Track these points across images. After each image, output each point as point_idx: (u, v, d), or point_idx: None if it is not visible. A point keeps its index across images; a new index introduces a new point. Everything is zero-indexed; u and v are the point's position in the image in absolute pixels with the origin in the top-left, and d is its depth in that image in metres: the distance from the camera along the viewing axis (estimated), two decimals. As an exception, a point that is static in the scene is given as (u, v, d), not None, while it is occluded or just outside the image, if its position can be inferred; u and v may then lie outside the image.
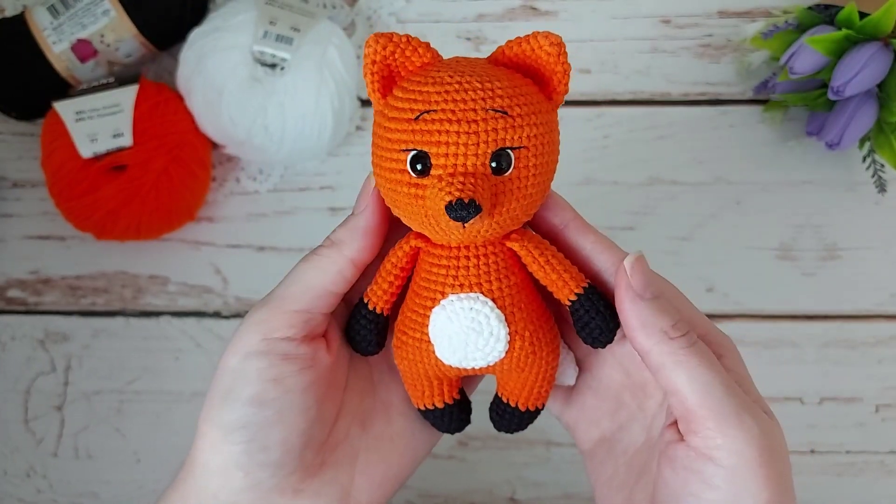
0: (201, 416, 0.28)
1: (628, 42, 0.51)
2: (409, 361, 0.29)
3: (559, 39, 0.25)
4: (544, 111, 0.26)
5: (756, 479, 0.25)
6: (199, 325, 0.49)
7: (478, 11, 0.51)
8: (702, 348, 0.26)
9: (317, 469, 0.29)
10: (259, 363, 0.27)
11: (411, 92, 0.25)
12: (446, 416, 0.31)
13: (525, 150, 0.25)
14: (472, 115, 0.24)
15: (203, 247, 0.50)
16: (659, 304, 0.27)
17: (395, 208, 0.27)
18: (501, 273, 0.27)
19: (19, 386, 0.49)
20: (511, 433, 0.31)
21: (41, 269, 0.50)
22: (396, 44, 0.26)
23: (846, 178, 0.50)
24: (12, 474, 0.48)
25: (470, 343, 0.27)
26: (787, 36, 0.47)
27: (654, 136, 0.50)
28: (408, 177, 0.25)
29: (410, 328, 0.28)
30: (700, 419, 0.26)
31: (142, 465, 0.48)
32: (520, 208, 0.26)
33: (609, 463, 0.31)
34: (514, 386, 0.29)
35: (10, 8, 0.51)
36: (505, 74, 0.26)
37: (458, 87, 0.25)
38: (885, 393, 0.48)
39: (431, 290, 0.27)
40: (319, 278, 0.28)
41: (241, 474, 0.27)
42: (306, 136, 0.47)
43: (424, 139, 0.25)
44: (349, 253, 0.28)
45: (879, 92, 0.45)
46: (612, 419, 0.31)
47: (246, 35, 0.46)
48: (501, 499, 0.48)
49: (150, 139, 0.46)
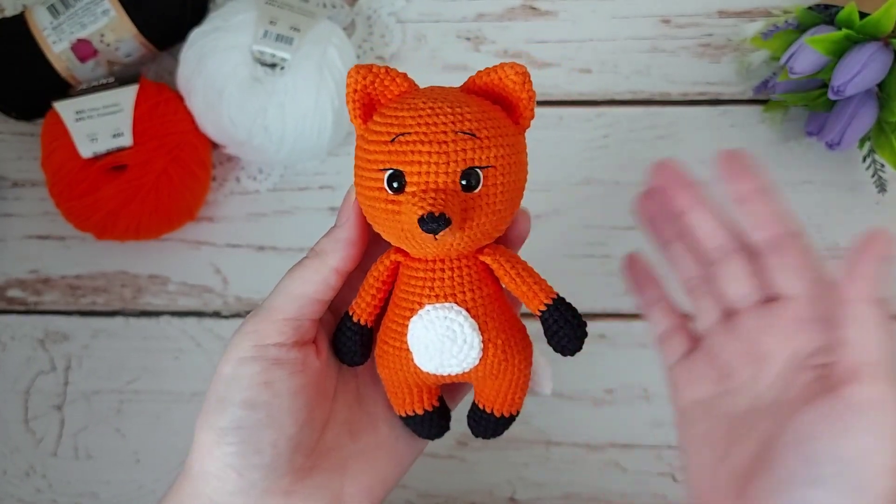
0: (197, 423, 0.30)
1: (628, 42, 0.51)
2: (391, 370, 0.30)
3: (524, 69, 0.28)
4: (511, 134, 0.28)
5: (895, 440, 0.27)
6: (199, 325, 0.49)
7: (477, 11, 0.51)
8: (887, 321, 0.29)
9: (307, 473, 0.30)
10: (251, 368, 0.29)
11: (388, 117, 0.27)
12: (426, 423, 0.32)
13: (493, 169, 0.27)
14: (442, 136, 0.26)
15: (203, 246, 0.50)
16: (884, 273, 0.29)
17: (375, 224, 0.29)
18: (475, 284, 0.29)
19: (19, 386, 0.49)
20: (487, 439, 0.33)
21: (41, 269, 0.50)
22: (376, 74, 0.28)
23: (846, 178, 0.50)
24: (12, 474, 0.48)
25: (445, 350, 0.29)
26: (787, 36, 0.47)
27: (655, 135, 0.50)
28: (385, 194, 0.27)
29: (391, 337, 0.30)
30: (863, 372, 0.28)
31: (141, 465, 0.48)
32: (489, 223, 0.28)
33: (706, 422, 0.32)
34: (489, 393, 0.31)
35: (10, 8, 0.51)
36: (475, 101, 0.28)
37: (430, 111, 0.27)
38: (885, 393, 0.48)
39: (410, 301, 0.29)
40: (305, 288, 0.30)
41: (234, 476, 0.29)
42: (306, 136, 0.47)
43: (400, 159, 0.27)
44: (333, 263, 0.30)
45: (879, 92, 0.45)
46: (717, 384, 0.33)
47: (246, 35, 0.46)
48: (501, 499, 0.48)
49: (150, 139, 0.46)
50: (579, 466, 0.48)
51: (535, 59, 0.51)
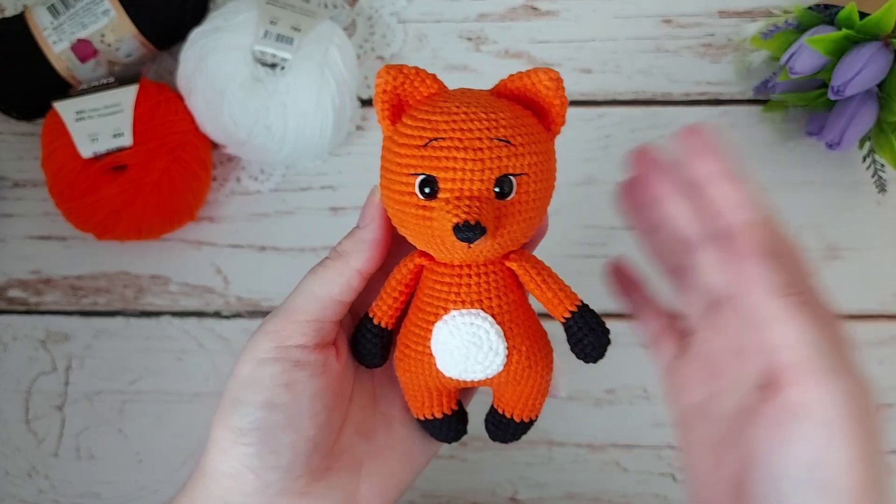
0: (214, 422, 0.29)
1: (630, 42, 0.51)
2: (411, 373, 0.30)
3: (558, 75, 0.27)
4: (543, 140, 0.28)
5: (847, 434, 0.26)
6: (201, 325, 0.49)
7: (479, 11, 0.51)
8: (813, 308, 0.27)
9: (322, 474, 0.30)
10: (272, 369, 0.28)
11: (420, 120, 0.27)
12: (444, 426, 0.32)
13: (526, 176, 0.27)
14: (477, 143, 0.26)
15: (204, 247, 0.50)
16: (776, 261, 0.28)
17: (402, 227, 0.28)
18: (501, 290, 0.28)
19: (20, 386, 0.49)
20: (506, 443, 0.33)
21: (42, 269, 0.50)
22: (406, 75, 0.27)
23: (846, 178, 0.50)
24: (14, 475, 0.48)
25: (470, 356, 0.28)
26: (787, 36, 0.47)
27: (656, 135, 0.50)
28: (416, 199, 0.27)
29: (413, 341, 0.29)
30: (797, 373, 0.26)
31: (143, 465, 0.48)
32: (519, 230, 0.28)
33: (701, 426, 0.32)
34: (510, 398, 0.31)
35: (10, 8, 0.51)
36: (507, 106, 0.27)
37: (465, 116, 0.26)
38: (886, 393, 0.48)
39: (434, 306, 0.29)
40: (328, 289, 0.29)
41: (251, 476, 0.28)
42: (307, 136, 0.47)
43: (433, 164, 0.26)
44: (356, 264, 0.29)
45: (879, 92, 0.45)
46: (707, 386, 0.32)
47: (247, 35, 0.46)
48: (503, 499, 0.48)
49: (151, 139, 0.46)
50: (581, 466, 0.48)
51: (537, 60, 0.51)
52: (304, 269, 0.49)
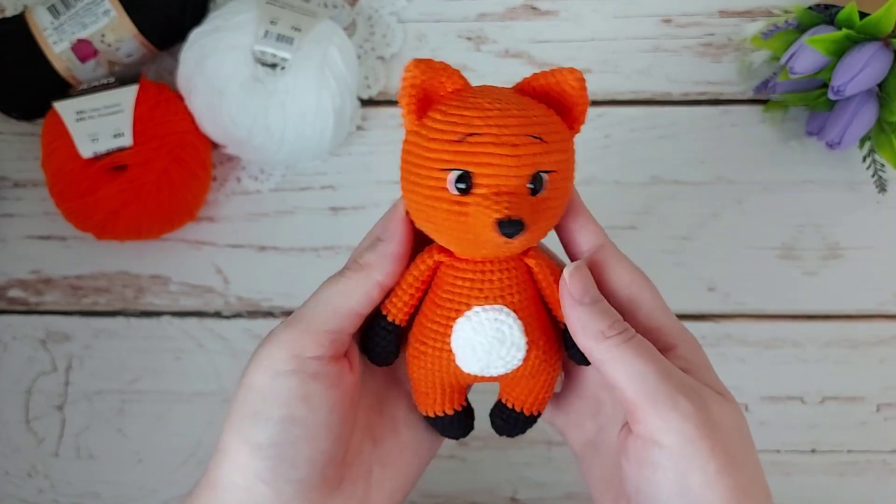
0: (227, 433, 0.29)
1: (629, 41, 0.51)
2: (427, 370, 0.30)
3: (582, 75, 0.28)
4: (568, 139, 0.28)
5: (700, 453, 0.26)
6: (201, 325, 0.49)
7: (479, 11, 0.51)
8: (638, 342, 0.28)
9: (336, 484, 0.30)
10: (290, 381, 0.28)
11: (452, 115, 0.27)
12: (454, 423, 0.32)
13: (555, 173, 0.27)
14: (513, 139, 0.26)
15: (204, 247, 0.50)
16: (597, 307, 0.28)
17: (429, 223, 0.28)
18: (521, 286, 0.29)
19: (20, 386, 0.49)
20: (512, 437, 0.33)
21: (42, 269, 0.50)
22: (434, 69, 0.27)
23: (847, 178, 0.50)
24: (13, 474, 0.48)
25: (493, 352, 0.28)
26: (787, 36, 0.47)
27: (656, 135, 0.50)
28: (448, 194, 0.27)
29: (431, 338, 0.29)
30: (639, 407, 0.27)
31: (143, 465, 0.48)
32: (547, 227, 0.28)
33: (596, 464, 0.32)
34: (522, 392, 0.31)
35: (10, 8, 0.51)
36: (535, 104, 0.28)
37: (499, 113, 0.26)
38: (886, 392, 0.48)
39: (455, 302, 0.28)
40: (349, 301, 0.29)
41: (266, 489, 0.28)
42: (307, 136, 0.47)
43: (469, 160, 0.26)
44: (379, 277, 0.29)
45: (880, 92, 0.45)
46: (594, 420, 0.32)
47: (247, 35, 0.46)
48: (503, 499, 0.48)
49: (151, 139, 0.46)
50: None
51: (536, 59, 0.51)
52: (305, 268, 0.50)
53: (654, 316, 0.30)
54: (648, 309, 0.30)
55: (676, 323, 0.30)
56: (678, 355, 0.29)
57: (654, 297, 0.30)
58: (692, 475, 0.26)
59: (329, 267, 0.33)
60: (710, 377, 0.30)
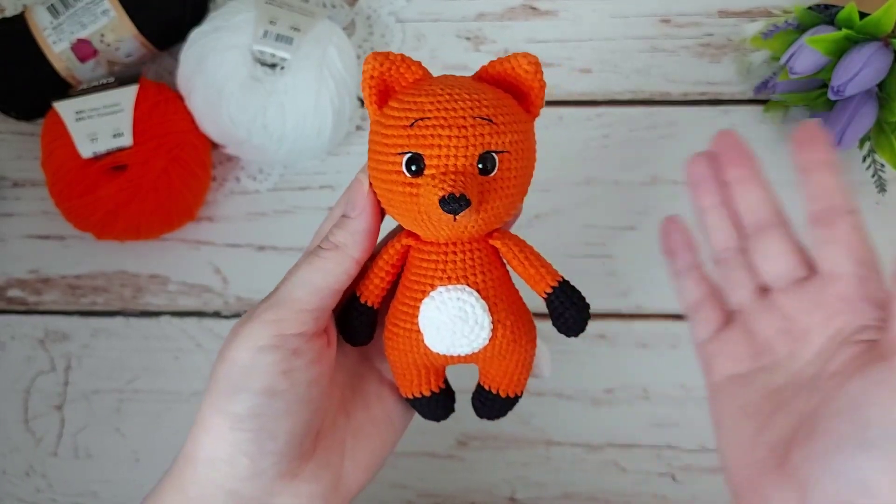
0: (205, 407, 0.29)
1: (628, 41, 0.51)
2: (400, 351, 0.31)
3: (536, 59, 0.29)
4: (523, 121, 0.29)
5: None
6: (199, 325, 0.49)
7: (477, 11, 0.51)
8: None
9: (311, 455, 0.31)
10: (272, 356, 0.29)
11: (406, 103, 0.28)
12: (433, 404, 0.33)
13: (507, 154, 0.28)
14: (461, 121, 0.27)
15: (203, 246, 0.50)
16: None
17: (390, 207, 0.29)
18: (485, 267, 0.30)
19: (19, 385, 0.49)
20: (492, 420, 0.33)
21: (41, 269, 0.50)
22: (392, 61, 0.29)
23: (846, 178, 0.50)
24: (12, 474, 0.48)
25: (457, 331, 0.29)
26: (787, 36, 0.47)
27: (655, 135, 0.50)
28: (403, 177, 0.28)
29: (402, 319, 0.30)
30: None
31: (141, 464, 0.48)
32: (502, 206, 0.29)
33: (744, 394, 0.32)
34: (496, 373, 0.32)
35: (10, 8, 0.51)
36: (489, 88, 0.29)
37: (449, 97, 0.28)
38: (885, 393, 0.48)
39: (421, 283, 0.30)
40: (327, 279, 0.30)
41: (246, 461, 0.29)
42: (306, 136, 0.47)
43: (419, 143, 0.27)
44: (354, 254, 0.30)
45: (879, 92, 0.45)
46: (754, 360, 0.33)
47: (246, 35, 0.46)
48: (501, 498, 0.48)
49: (150, 139, 0.46)
50: (579, 466, 0.48)
51: (536, 59, 0.51)
52: (303, 268, 0.49)
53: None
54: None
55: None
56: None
57: None
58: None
59: (328, 266, 0.33)
60: None
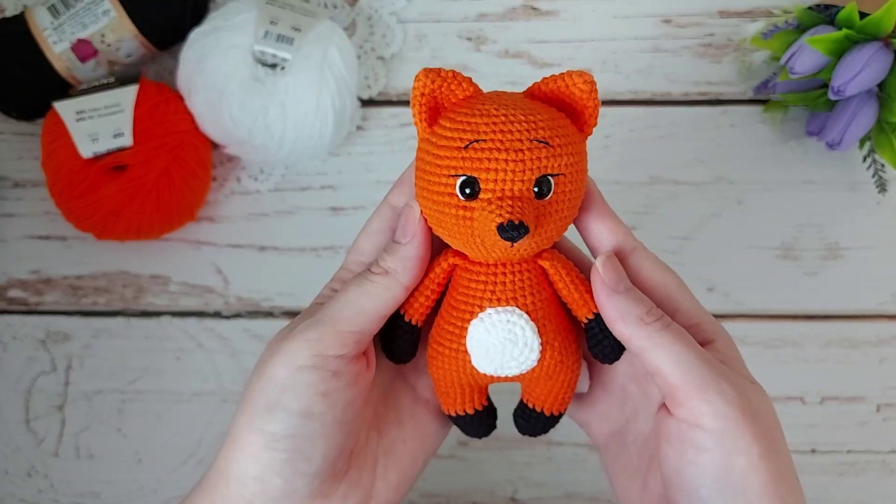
0: (240, 424, 0.29)
1: (629, 42, 0.51)
2: (445, 370, 0.31)
3: (592, 78, 0.28)
4: (577, 142, 0.28)
5: (744, 437, 0.27)
6: (200, 325, 0.49)
7: (478, 11, 0.51)
8: (676, 329, 0.29)
9: (343, 474, 0.30)
10: (311, 377, 0.28)
11: (460, 122, 0.27)
12: (476, 422, 0.33)
13: (563, 176, 0.27)
14: (518, 144, 0.27)
15: (204, 246, 0.50)
16: (632, 294, 0.29)
17: (440, 228, 0.29)
18: (534, 288, 0.29)
19: (20, 386, 0.49)
20: (535, 436, 0.33)
21: (42, 269, 0.50)
22: (444, 78, 0.28)
23: (847, 178, 0.50)
24: (13, 474, 0.48)
25: (506, 353, 0.29)
26: (787, 36, 0.47)
27: (656, 135, 0.50)
28: (456, 199, 0.27)
29: (447, 339, 0.30)
30: (683, 392, 0.28)
31: (143, 464, 0.48)
32: (555, 229, 0.28)
33: (622, 454, 0.33)
34: (541, 393, 0.32)
35: (10, 8, 0.51)
36: (543, 108, 0.28)
37: (505, 118, 0.27)
38: (886, 392, 0.48)
39: (469, 304, 0.29)
40: (375, 304, 0.29)
41: (279, 482, 0.28)
42: (307, 136, 0.47)
43: (474, 166, 0.27)
44: (404, 281, 0.30)
45: (880, 92, 0.45)
46: (620, 412, 0.33)
47: (246, 35, 0.46)
48: (503, 498, 0.48)
49: (151, 139, 0.46)
50: (581, 466, 0.48)
51: (536, 59, 0.51)
52: (305, 268, 0.50)
53: (693, 312, 0.31)
54: (687, 306, 0.30)
55: (712, 319, 0.31)
56: (716, 349, 0.30)
57: (688, 293, 0.31)
58: (736, 458, 0.27)
59: (329, 267, 0.33)
60: (745, 371, 0.30)
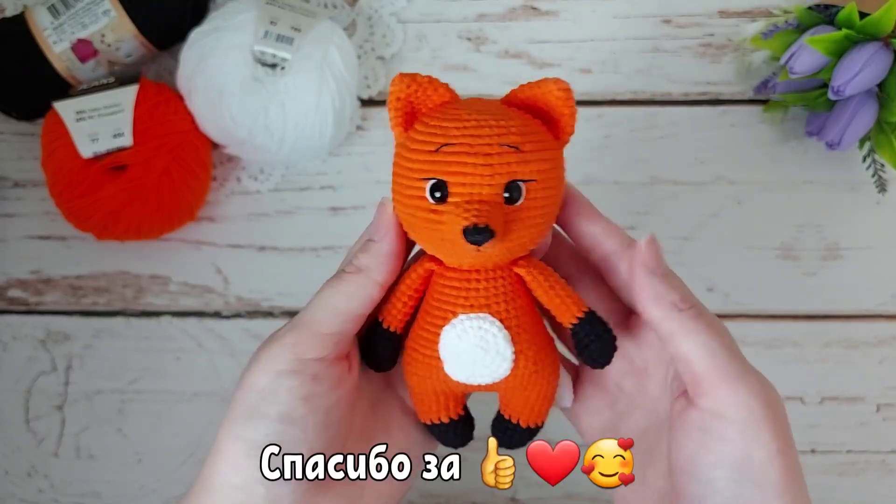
0: (223, 432, 0.29)
1: (629, 42, 0.51)
2: (419, 377, 0.30)
3: (567, 85, 0.28)
4: (552, 148, 0.28)
5: (764, 430, 0.27)
6: (200, 325, 0.49)
7: (479, 11, 0.51)
8: (708, 318, 0.29)
9: (328, 484, 0.30)
10: (291, 381, 0.28)
11: (432, 127, 0.27)
12: (451, 431, 0.32)
13: (535, 182, 0.27)
14: (487, 148, 0.26)
15: (204, 247, 0.50)
16: (670, 279, 0.29)
17: (413, 232, 0.29)
18: (509, 296, 0.29)
19: (20, 386, 0.49)
20: (512, 449, 0.32)
21: (42, 269, 0.50)
22: (419, 83, 0.28)
23: (847, 178, 0.50)
24: (13, 474, 0.48)
25: (477, 360, 0.29)
26: (787, 36, 0.47)
27: (655, 135, 0.50)
28: (426, 203, 0.27)
29: (422, 345, 0.29)
30: (709, 381, 0.28)
31: (143, 464, 0.48)
32: (528, 236, 0.28)
33: None
34: (517, 404, 0.31)
35: (10, 8, 0.51)
36: (517, 114, 0.28)
37: (475, 123, 0.27)
38: (886, 393, 0.48)
39: (443, 310, 0.29)
40: (350, 303, 0.29)
41: (262, 490, 0.28)
42: (307, 136, 0.47)
43: (443, 169, 0.27)
44: (378, 278, 0.29)
45: (879, 92, 0.45)
46: (612, 408, 0.33)
47: (246, 35, 0.46)
48: (502, 498, 0.48)
49: (151, 139, 0.46)
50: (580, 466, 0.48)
51: (536, 60, 0.51)
52: (304, 268, 0.50)
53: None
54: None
55: (713, 315, 0.31)
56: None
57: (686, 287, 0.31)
58: (756, 451, 0.27)
59: (329, 267, 0.33)
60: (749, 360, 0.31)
